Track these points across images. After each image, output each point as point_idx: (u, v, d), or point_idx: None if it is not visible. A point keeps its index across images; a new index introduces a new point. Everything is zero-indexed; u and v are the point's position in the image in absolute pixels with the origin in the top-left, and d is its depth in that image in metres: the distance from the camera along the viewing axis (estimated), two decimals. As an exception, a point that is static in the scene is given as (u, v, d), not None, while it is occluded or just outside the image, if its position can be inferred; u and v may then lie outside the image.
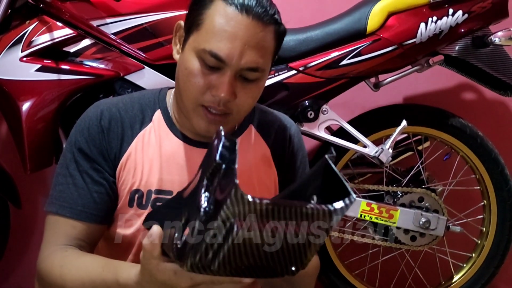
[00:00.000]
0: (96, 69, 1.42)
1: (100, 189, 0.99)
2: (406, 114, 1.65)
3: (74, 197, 0.98)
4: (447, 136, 1.69)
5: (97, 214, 0.99)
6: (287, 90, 1.52)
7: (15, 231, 1.74)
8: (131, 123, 1.02)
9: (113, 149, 1.00)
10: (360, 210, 1.61)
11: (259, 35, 0.90)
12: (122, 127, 1.01)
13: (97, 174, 0.99)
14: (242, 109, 0.95)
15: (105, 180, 0.99)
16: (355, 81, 1.57)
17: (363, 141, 1.56)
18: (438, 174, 1.79)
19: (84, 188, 0.98)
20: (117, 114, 1.02)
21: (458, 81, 1.91)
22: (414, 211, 1.61)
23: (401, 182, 1.70)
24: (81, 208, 0.98)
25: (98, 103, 1.04)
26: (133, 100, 1.05)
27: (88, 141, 0.99)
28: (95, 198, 0.99)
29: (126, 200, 1.00)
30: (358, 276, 1.75)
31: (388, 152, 1.52)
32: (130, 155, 1.00)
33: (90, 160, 0.99)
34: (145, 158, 1.00)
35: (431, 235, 1.63)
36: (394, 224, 1.61)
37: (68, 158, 1.00)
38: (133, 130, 1.02)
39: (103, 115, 1.01)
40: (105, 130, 1.00)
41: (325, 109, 1.55)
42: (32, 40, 1.38)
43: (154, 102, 1.05)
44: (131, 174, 1.00)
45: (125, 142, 1.01)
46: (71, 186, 0.99)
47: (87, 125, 1.01)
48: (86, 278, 0.89)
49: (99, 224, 1.00)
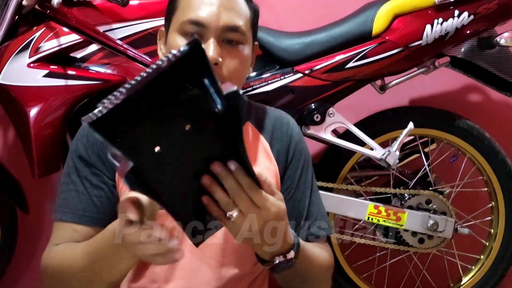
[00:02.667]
0: (103, 74, 1.43)
1: (100, 192, 1.01)
2: (412, 116, 1.64)
3: (75, 202, 1.00)
4: (454, 137, 1.68)
5: (98, 217, 1.00)
6: (293, 93, 1.52)
7: (23, 236, 1.75)
8: None
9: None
10: (368, 212, 1.60)
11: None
12: None
13: (96, 179, 1.01)
14: (233, 75, 0.97)
15: (105, 184, 1.01)
16: (361, 84, 1.57)
17: (370, 143, 1.56)
18: (445, 176, 1.78)
19: (84, 193, 1.00)
20: None
21: (464, 82, 1.90)
22: (422, 213, 1.60)
23: (408, 184, 1.70)
24: (82, 212, 1.00)
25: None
26: None
27: (87, 147, 1.02)
28: (95, 202, 1.00)
29: None
30: (366, 279, 1.75)
31: (395, 154, 1.52)
32: None
33: (89, 166, 1.01)
34: None
35: (439, 237, 1.63)
36: (401, 227, 1.60)
37: (70, 166, 1.03)
38: None
39: None
40: None
41: (331, 112, 1.55)
42: (40, 46, 1.39)
43: None
44: None
45: None
46: (72, 192, 1.01)
47: (85, 132, 1.03)
48: (85, 254, 0.89)
49: (101, 227, 0.99)
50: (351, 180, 1.70)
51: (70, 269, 0.91)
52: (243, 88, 1.50)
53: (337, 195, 1.62)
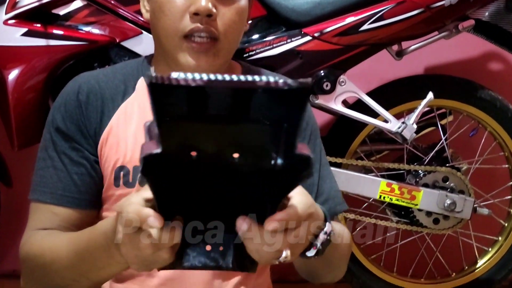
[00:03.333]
0: (89, 34, 1.32)
1: (81, 169, 0.91)
2: (430, 85, 1.51)
3: (53, 181, 0.91)
4: (475, 109, 1.56)
5: (79, 197, 0.91)
6: (301, 58, 1.39)
7: (7, 211, 1.66)
8: (112, 95, 0.94)
9: (92, 124, 0.92)
10: (380, 190, 1.48)
11: None
12: (102, 100, 0.93)
13: (76, 154, 0.91)
14: (228, 29, 0.89)
15: (86, 160, 0.92)
16: (376, 49, 1.44)
17: (384, 115, 1.42)
18: (462, 152, 1.65)
19: (63, 170, 0.91)
20: (96, 87, 0.94)
21: (486, 49, 1.77)
22: (439, 192, 1.48)
23: (423, 160, 1.56)
24: (62, 192, 0.91)
25: (77, 77, 0.97)
26: (115, 70, 0.98)
27: (65, 118, 0.92)
28: (75, 180, 0.91)
29: (111, 179, 0.92)
30: (374, 261, 1.64)
31: (412, 127, 1.38)
32: (112, 130, 0.92)
33: (68, 139, 0.92)
34: (128, 132, 0.92)
35: (456, 218, 1.51)
36: (416, 206, 1.48)
37: (47, 140, 0.94)
38: (114, 102, 0.94)
39: (81, 89, 0.93)
40: (83, 104, 0.92)
41: (342, 79, 1.41)
42: (17, 1, 1.27)
43: (137, 70, 0.97)
44: (114, 150, 0.92)
45: (106, 116, 0.93)
46: (50, 169, 0.92)
47: (63, 101, 0.93)
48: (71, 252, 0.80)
49: (83, 209, 0.92)
50: (361, 154, 1.57)
51: (52, 265, 0.82)
52: (245, 51, 1.36)
53: (346, 171, 1.50)
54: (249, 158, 0.55)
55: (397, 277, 1.64)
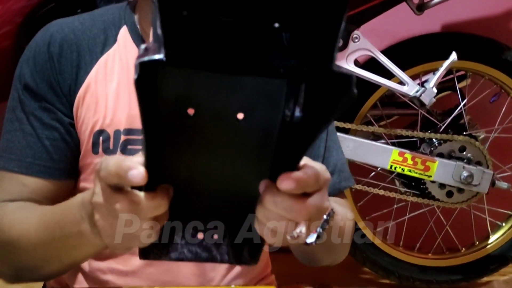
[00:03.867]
0: None
1: (53, 134, 0.79)
2: (450, 44, 1.38)
3: (22, 146, 0.79)
4: (499, 73, 1.42)
5: (52, 166, 0.80)
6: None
7: None
8: (90, 46, 0.81)
9: (66, 80, 0.79)
10: (391, 160, 1.35)
11: None
12: (78, 52, 0.80)
13: (48, 115, 0.79)
14: None
15: (59, 122, 0.79)
16: (395, 2, 1.29)
17: (401, 77, 1.27)
18: (480, 119, 1.51)
19: (32, 135, 0.79)
20: (71, 36, 0.80)
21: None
22: (455, 163, 1.35)
23: (438, 127, 1.43)
24: (31, 160, 0.79)
25: (49, 25, 0.82)
26: (93, 17, 0.83)
27: (34, 73, 0.79)
28: (47, 146, 0.79)
29: (89, 145, 0.80)
30: (380, 234, 1.53)
31: (432, 92, 1.24)
32: (89, 87, 0.79)
33: (38, 98, 0.79)
34: (108, 89, 0.80)
35: (472, 191, 1.39)
36: (430, 178, 1.36)
37: (14, 98, 0.81)
38: (93, 55, 0.80)
39: (53, 39, 0.79)
40: (55, 57, 0.79)
41: (356, 35, 1.26)
42: None
43: (119, 17, 0.83)
44: (92, 110, 0.79)
45: (82, 70, 0.79)
46: (18, 133, 0.80)
47: (32, 53, 0.80)
48: (40, 228, 0.71)
49: (57, 179, 0.80)
50: (371, 119, 1.43)
51: (19, 241, 0.72)
52: None
53: (354, 138, 1.36)
54: (257, 119, 0.44)
55: (403, 251, 1.55)
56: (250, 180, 0.49)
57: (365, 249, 1.52)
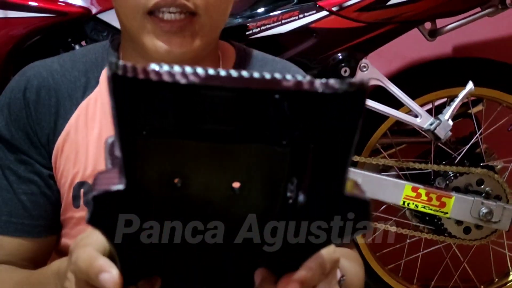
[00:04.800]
0: (57, 5, 1.11)
1: (31, 188, 0.74)
2: (464, 70, 1.31)
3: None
4: (518, 100, 1.33)
5: (30, 223, 0.75)
6: (315, 37, 1.15)
7: None
8: (70, 90, 0.75)
9: (44, 129, 0.74)
10: (403, 196, 1.26)
11: None
12: (57, 98, 0.74)
13: (25, 168, 0.74)
14: (210, 5, 0.67)
15: (37, 175, 0.75)
16: (406, 28, 1.21)
17: (414, 108, 1.19)
18: (497, 148, 1.42)
19: (8, 190, 0.74)
20: (49, 81, 0.75)
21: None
22: (474, 199, 1.26)
23: (453, 157, 1.34)
24: (7, 218, 0.74)
25: (26, 68, 0.77)
26: (74, 58, 0.78)
27: (9, 123, 0.74)
28: (24, 202, 0.74)
29: (69, 199, 0.75)
30: (392, 271, 1.44)
31: (447, 124, 1.15)
32: (69, 135, 0.74)
33: (14, 150, 0.74)
34: (89, 137, 0.74)
35: (491, 228, 1.29)
36: (446, 215, 1.27)
37: None
38: (73, 100, 0.75)
39: (29, 84, 0.74)
40: (32, 104, 0.74)
41: (364, 64, 1.18)
42: None
43: (102, 58, 0.77)
44: (72, 161, 0.74)
45: (61, 118, 0.74)
46: None
47: (7, 100, 0.75)
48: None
49: (37, 237, 0.75)
50: (379, 147, 1.35)
51: None
52: (248, 29, 1.13)
53: (363, 172, 1.28)
54: (255, 190, 0.38)
55: (417, 289, 1.45)
56: (246, 261, 0.42)
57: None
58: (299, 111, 0.33)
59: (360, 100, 0.32)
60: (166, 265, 0.42)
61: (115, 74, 0.30)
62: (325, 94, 0.32)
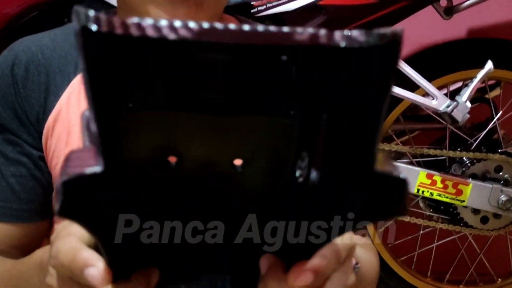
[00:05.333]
0: None
1: (20, 170, 0.71)
2: (481, 52, 1.24)
3: None
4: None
5: (19, 207, 0.71)
6: (324, 15, 1.10)
7: None
8: (61, 66, 0.71)
9: (34, 106, 0.70)
10: (417, 183, 1.20)
11: None
12: (47, 74, 0.70)
13: (13, 149, 0.71)
14: None
15: (26, 156, 0.71)
16: (420, 4, 1.16)
17: (430, 91, 1.13)
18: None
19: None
20: (39, 56, 0.70)
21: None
22: (492, 186, 1.20)
23: (469, 143, 1.28)
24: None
25: (15, 43, 0.73)
26: (65, 32, 0.73)
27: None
28: (12, 184, 0.71)
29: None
30: (404, 263, 1.38)
31: (465, 106, 1.09)
32: (60, 113, 0.69)
33: (1, 129, 0.71)
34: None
35: (510, 217, 1.24)
36: (463, 203, 1.20)
37: None
38: (64, 76, 0.70)
39: (18, 60, 0.70)
40: (20, 81, 0.70)
41: (376, 43, 1.11)
42: None
43: None
44: (64, 141, 0.70)
45: (52, 95, 0.70)
46: None
47: None
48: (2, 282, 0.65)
49: (26, 222, 0.72)
50: (392, 134, 1.29)
51: None
52: (253, 7, 1.08)
53: (375, 158, 1.21)
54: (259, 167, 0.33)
55: (432, 282, 1.40)
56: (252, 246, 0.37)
57: (389, 281, 1.38)
58: (314, 73, 0.27)
59: (394, 56, 0.26)
60: (160, 255, 0.37)
61: (85, 28, 0.24)
62: (349, 49, 0.25)
